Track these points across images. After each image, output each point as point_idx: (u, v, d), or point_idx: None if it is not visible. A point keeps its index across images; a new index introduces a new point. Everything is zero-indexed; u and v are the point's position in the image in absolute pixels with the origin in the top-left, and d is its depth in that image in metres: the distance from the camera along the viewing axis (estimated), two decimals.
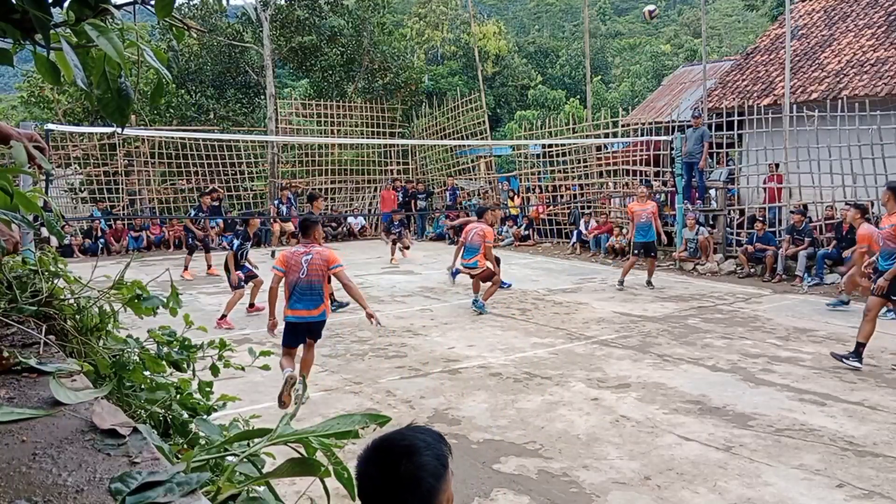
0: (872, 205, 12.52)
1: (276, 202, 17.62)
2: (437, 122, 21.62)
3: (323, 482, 1.07)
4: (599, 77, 40.38)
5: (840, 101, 12.72)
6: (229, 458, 1.11)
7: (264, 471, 1.10)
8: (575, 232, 16.42)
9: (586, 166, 17.75)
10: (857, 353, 7.02)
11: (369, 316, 6.16)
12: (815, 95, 14.52)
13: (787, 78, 13.17)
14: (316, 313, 6.23)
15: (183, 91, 22.12)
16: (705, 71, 15.48)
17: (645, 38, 51.94)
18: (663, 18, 61.97)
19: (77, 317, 1.47)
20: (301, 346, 6.32)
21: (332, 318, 9.49)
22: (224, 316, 9.14)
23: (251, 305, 10.03)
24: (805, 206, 12.67)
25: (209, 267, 13.38)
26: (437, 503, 1.29)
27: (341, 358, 7.56)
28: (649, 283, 11.61)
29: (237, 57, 22.67)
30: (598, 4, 58.15)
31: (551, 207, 18.15)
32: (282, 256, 6.37)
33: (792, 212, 12.47)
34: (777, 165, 13.57)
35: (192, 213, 14.21)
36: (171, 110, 21.01)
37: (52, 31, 1.12)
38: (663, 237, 11.94)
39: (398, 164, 22.51)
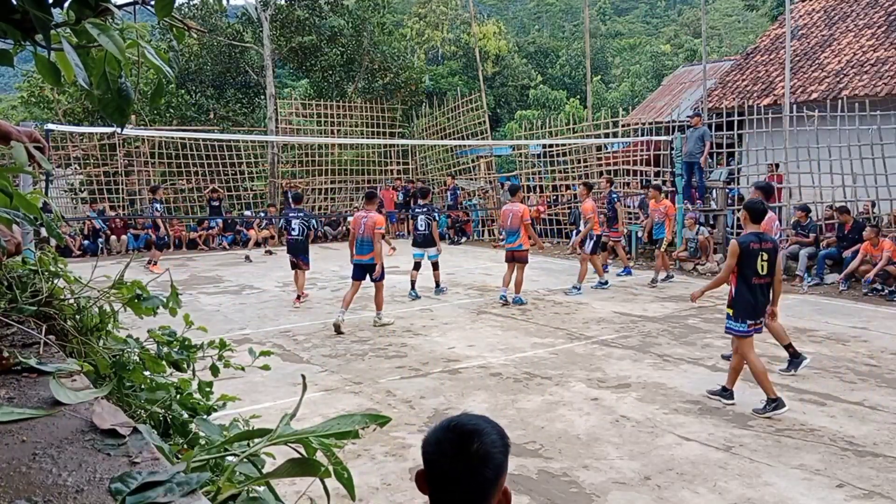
0: (874, 205, 12.53)
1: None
2: (437, 122, 21.61)
3: (323, 482, 1.07)
4: (599, 77, 40.36)
5: (840, 101, 12.72)
6: (229, 458, 1.11)
7: (264, 471, 1.10)
8: (575, 232, 16.40)
9: (586, 166, 17.75)
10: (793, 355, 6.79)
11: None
12: (815, 95, 14.53)
13: (787, 78, 13.17)
14: (366, 258, 9.01)
15: (183, 91, 22.11)
16: (705, 71, 15.48)
17: (645, 38, 51.93)
18: (663, 18, 62.05)
19: (77, 317, 1.47)
20: (361, 283, 9.18)
21: (332, 318, 9.51)
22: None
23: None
24: (806, 206, 12.67)
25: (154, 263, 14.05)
26: (503, 478, 1.44)
27: (341, 358, 7.56)
28: (655, 280, 11.92)
29: (237, 57, 22.66)
30: (598, 4, 58.14)
31: (551, 207, 18.15)
32: (353, 219, 9.37)
33: (796, 208, 12.48)
34: (777, 165, 13.57)
35: (160, 209, 15.00)
36: (171, 110, 21.00)
37: (52, 32, 1.12)
38: (669, 238, 12.19)
39: (398, 164, 22.51)
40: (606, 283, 11.48)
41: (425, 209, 11.44)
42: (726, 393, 6.00)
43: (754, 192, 7.27)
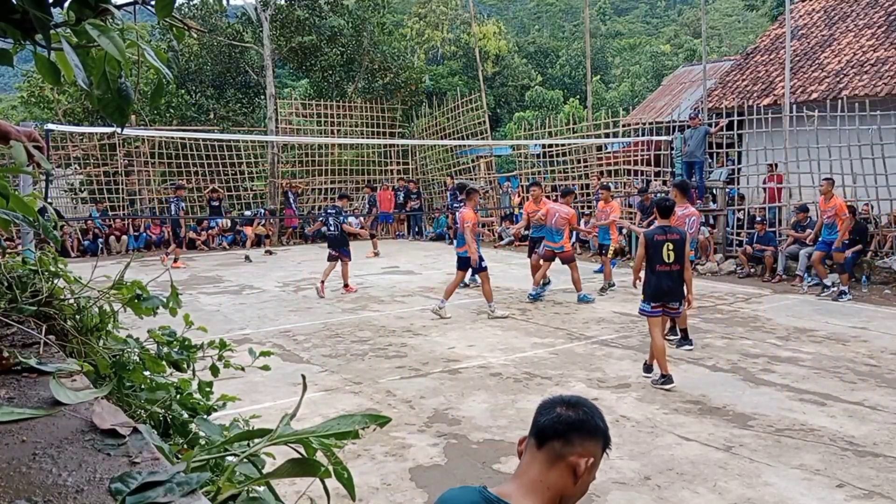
0: (872, 207, 12.52)
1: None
2: (437, 122, 21.62)
3: (323, 482, 1.07)
4: (599, 77, 40.36)
5: (840, 101, 12.71)
6: (229, 458, 1.11)
7: (264, 471, 1.10)
8: (574, 232, 16.40)
9: (586, 166, 17.75)
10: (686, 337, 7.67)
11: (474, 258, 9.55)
12: (815, 95, 14.53)
13: (787, 78, 13.17)
14: (461, 251, 9.74)
15: (183, 91, 22.12)
16: (705, 71, 15.48)
17: (645, 38, 51.93)
18: (663, 18, 62.03)
19: (77, 317, 1.46)
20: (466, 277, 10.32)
21: (332, 318, 9.53)
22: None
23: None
24: (805, 207, 12.65)
25: (175, 260, 14.68)
26: (590, 446, 1.64)
27: (341, 358, 7.56)
28: (605, 287, 11.19)
29: (237, 57, 22.66)
30: (598, 4, 58.12)
31: None
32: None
33: (796, 210, 12.46)
34: (776, 165, 13.56)
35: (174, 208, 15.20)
36: (171, 110, 21.01)
37: (52, 31, 1.12)
38: (614, 245, 11.71)
39: (398, 164, 22.51)
40: (541, 292, 10.80)
41: (462, 204, 11.70)
42: (664, 378, 6.41)
43: (672, 189, 7.72)
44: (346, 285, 11.40)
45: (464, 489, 1.66)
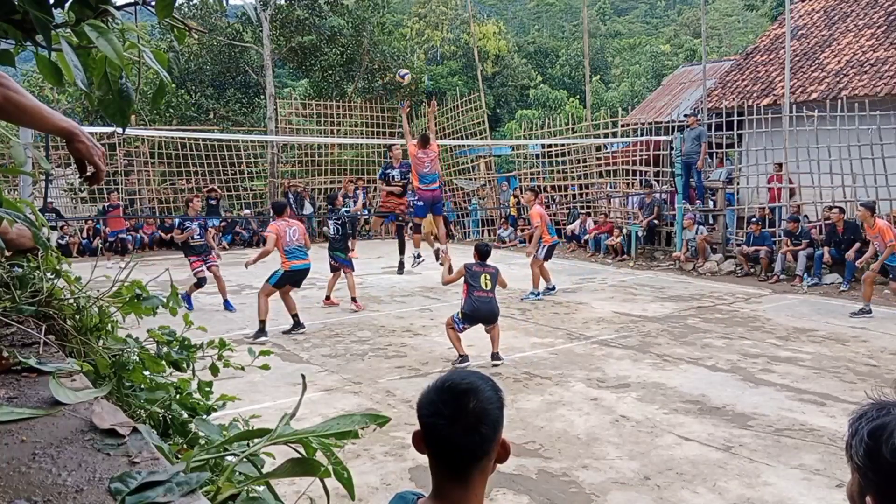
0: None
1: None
2: (437, 122, 21.60)
3: (323, 482, 1.07)
4: (599, 77, 40.34)
5: (840, 101, 12.71)
6: (229, 458, 1.11)
7: (264, 471, 1.10)
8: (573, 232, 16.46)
9: (586, 166, 17.75)
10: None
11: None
12: (814, 95, 14.52)
13: (786, 78, 13.16)
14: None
15: (183, 91, 22.11)
16: (705, 71, 15.48)
17: (645, 38, 51.88)
18: (663, 18, 62.00)
19: (77, 317, 1.47)
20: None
21: (332, 318, 9.53)
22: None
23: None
24: (798, 209, 12.65)
25: None
26: (500, 432, 1.46)
27: (341, 358, 7.56)
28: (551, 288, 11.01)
29: (237, 57, 22.65)
30: (598, 4, 58.08)
31: (549, 208, 18.14)
32: None
33: (786, 220, 12.45)
34: (780, 166, 13.56)
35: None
36: (171, 110, 20.99)
37: (53, 32, 1.12)
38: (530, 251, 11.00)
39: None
40: (553, 288, 10.89)
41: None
42: (460, 359, 7.18)
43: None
44: (353, 299, 10.10)
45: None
